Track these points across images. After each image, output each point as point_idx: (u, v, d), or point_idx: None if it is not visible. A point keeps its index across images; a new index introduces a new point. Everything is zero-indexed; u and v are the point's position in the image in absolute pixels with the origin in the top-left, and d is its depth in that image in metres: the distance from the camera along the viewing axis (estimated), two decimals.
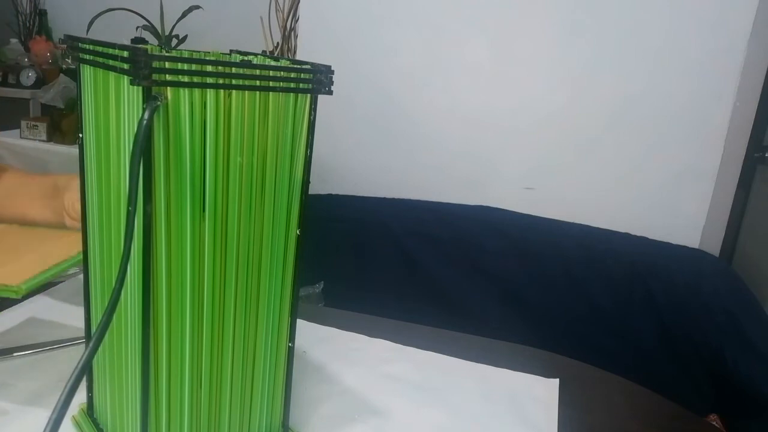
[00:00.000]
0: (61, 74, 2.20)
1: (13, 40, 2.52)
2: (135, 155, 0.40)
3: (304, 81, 0.48)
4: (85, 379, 0.53)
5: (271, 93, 0.46)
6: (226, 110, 0.44)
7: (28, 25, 2.59)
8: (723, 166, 1.36)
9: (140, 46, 0.42)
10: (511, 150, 1.51)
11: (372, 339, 0.83)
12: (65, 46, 0.48)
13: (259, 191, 0.48)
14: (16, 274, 0.65)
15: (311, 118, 0.50)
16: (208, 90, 0.43)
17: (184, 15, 2.06)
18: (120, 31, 1.94)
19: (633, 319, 1.37)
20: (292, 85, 0.47)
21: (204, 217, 0.45)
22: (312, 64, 0.49)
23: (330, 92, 0.50)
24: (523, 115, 1.48)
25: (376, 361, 0.78)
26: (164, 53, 0.49)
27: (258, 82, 0.45)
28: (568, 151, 1.46)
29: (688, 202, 1.40)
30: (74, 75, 0.52)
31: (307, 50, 1.63)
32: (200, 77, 0.42)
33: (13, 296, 0.63)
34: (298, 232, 0.53)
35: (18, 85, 2.35)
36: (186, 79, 0.42)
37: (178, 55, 0.44)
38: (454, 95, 1.52)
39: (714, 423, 1.27)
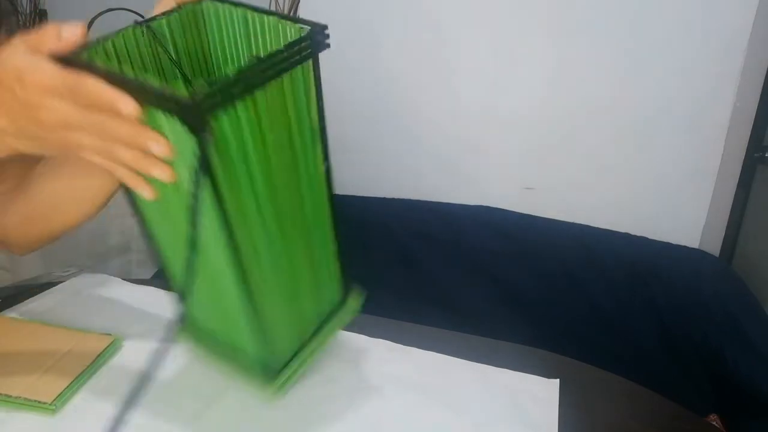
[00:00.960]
0: None
1: None
2: (197, 188, 0.44)
3: (304, 49, 0.51)
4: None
5: (283, 77, 0.49)
6: (255, 110, 0.47)
7: (28, 25, 2.59)
8: (723, 166, 1.36)
9: (193, 99, 0.41)
10: (511, 150, 1.51)
11: (372, 339, 0.83)
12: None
13: (291, 163, 0.54)
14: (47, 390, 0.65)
15: (316, 74, 0.53)
16: (237, 101, 0.45)
17: None
18: None
19: (633, 320, 1.37)
20: (296, 57, 0.50)
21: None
22: (303, 27, 0.53)
23: (328, 45, 0.53)
24: (523, 115, 1.48)
25: (376, 361, 0.78)
26: (212, 93, 0.44)
27: (270, 72, 0.48)
28: (569, 151, 1.46)
29: (688, 202, 1.40)
30: None
31: None
32: (230, 95, 0.45)
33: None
34: (324, 166, 0.60)
35: None
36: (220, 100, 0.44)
37: (214, 89, 0.43)
38: (455, 95, 1.52)
39: (714, 423, 1.27)
